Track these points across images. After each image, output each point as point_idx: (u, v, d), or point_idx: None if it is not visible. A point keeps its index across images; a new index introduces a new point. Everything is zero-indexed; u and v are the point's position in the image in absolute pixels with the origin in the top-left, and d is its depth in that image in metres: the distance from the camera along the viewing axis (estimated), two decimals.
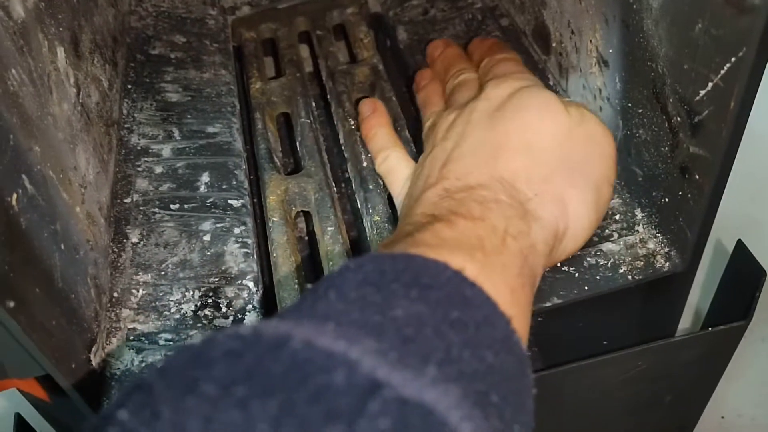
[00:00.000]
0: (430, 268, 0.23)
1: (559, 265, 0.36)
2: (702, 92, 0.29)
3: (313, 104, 0.52)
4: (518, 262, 0.27)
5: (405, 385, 0.18)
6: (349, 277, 0.23)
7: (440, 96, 0.44)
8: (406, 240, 0.27)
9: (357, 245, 0.43)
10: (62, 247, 0.32)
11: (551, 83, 0.47)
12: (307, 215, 0.45)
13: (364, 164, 0.45)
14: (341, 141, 0.49)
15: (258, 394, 0.17)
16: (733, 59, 0.27)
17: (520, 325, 0.24)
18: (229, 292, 0.38)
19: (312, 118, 0.50)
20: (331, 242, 0.41)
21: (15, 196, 0.28)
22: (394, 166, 0.41)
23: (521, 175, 0.31)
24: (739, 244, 0.37)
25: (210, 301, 0.37)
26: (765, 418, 0.49)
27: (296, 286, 0.39)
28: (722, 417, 0.49)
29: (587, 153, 0.33)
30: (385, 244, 0.29)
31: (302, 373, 0.18)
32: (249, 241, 0.41)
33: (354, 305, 0.21)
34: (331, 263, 0.40)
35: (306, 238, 0.48)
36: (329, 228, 0.42)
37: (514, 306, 0.24)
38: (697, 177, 0.31)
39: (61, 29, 0.39)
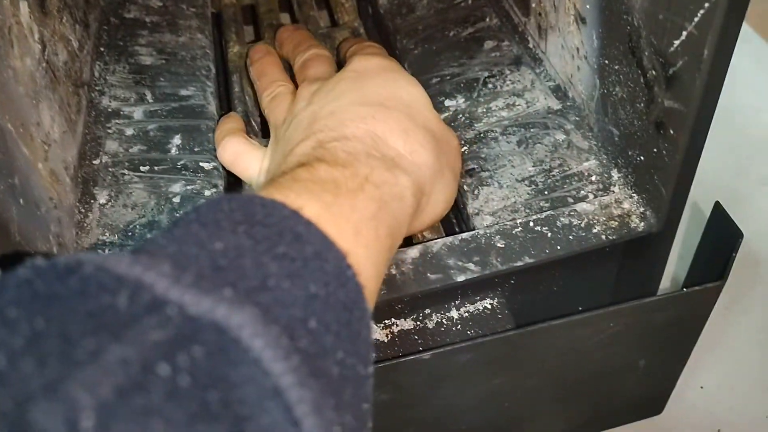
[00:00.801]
0: (266, 207, 0.23)
1: (531, 224, 0.35)
2: (676, 42, 0.28)
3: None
4: (373, 207, 0.27)
5: (194, 304, 0.17)
6: (183, 218, 0.23)
7: (278, 67, 0.44)
8: (264, 185, 0.28)
9: None
10: (21, 201, 0.31)
11: (531, 45, 0.46)
12: None
13: None
14: None
15: (29, 314, 0.17)
16: (706, 5, 0.26)
17: (365, 263, 0.25)
18: None
19: None
20: None
21: None
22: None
23: (397, 133, 0.32)
24: (717, 206, 0.37)
25: None
26: (743, 388, 0.49)
27: None
28: (701, 387, 0.49)
29: (447, 138, 0.35)
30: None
31: (85, 295, 0.17)
32: None
33: (174, 241, 0.21)
34: None
35: None
36: None
37: (359, 246, 0.25)
38: (671, 132, 0.31)
39: None
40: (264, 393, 0.17)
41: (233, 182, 0.43)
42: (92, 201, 0.39)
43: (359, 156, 0.29)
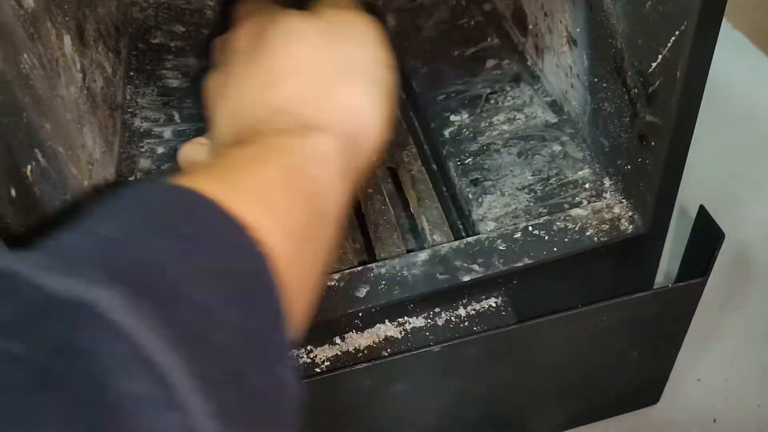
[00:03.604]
0: (165, 190, 0.24)
1: (530, 229, 0.39)
2: (653, 64, 0.32)
3: None
4: (281, 174, 0.27)
5: (56, 285, 0.18)
6: (91, 210, 0.23)
7: None
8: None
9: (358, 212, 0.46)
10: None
11: (529, 63, 0.49)
12: None
13: None
14: None
15: None
16: (677, 32, 0.29)
17: (275, 232, 0.24)
18: None
19: None
20: None
21: (29, 167, 0.31)
22: None
23: (295, 101, 0.31)
24: (701, 209, 0.40)
25: None
26: (738, 379, 0.52)
27: None
28: (698, 379, 0.52)
29: (353, 50, 0.33)
30: None
31: None
32: None
33: (70, 230, 0.21)
34: None
35: None
36: None
37: (266, 216, 0.24)
38: (653, 143, 0.34)
39: (67, 18, 0.42)
40: (131, 361, 0.17)
41: None
42: None
43: (264, 130, 0.29)
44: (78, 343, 0.17)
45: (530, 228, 0.39)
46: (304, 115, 0.31)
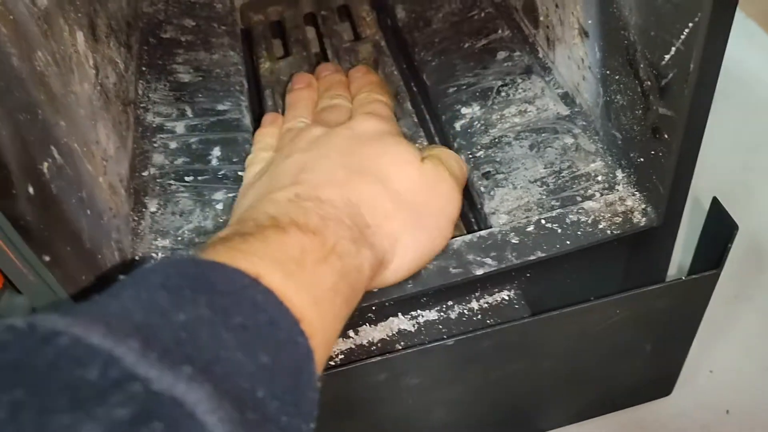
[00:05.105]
0: (227, 275, 0.25)
1: (543, 222, 0.39)
2: (666, 57, 0.32)
3: None
4: (334, 278, 0.29)
5: (157, 380, 0.19)
6: (149, 278, 0.24)
7: (309, 103, 0.46)
8: (231, 241, 0.28)
9: None
10: (88, 212, 0.35)
11: (540, 55, 0.49)
12: None
13: None
14: None
15: (9, 384, 0.18)
16: (690, 24, 0.29)
17: (318, 330, 0.26)
18: None
19: None
20: None
21: (46, 164, 0.31)
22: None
23: (367, 204, 0.34)
24: (714, 201, 0.40)
25: None
26: (750, 371, 0.52)
27: None
28: (711, 371, 0.52)
29: (430, 205, 0.37)
30: (214, 241, 0.30)
31: (60, 367, 0.19)
32: None
33: (141, 307, 0.23)
34: None
35: None
36: None
37: (315, 314, 0.27)
38: (666, 136, 0.34)
39: (79, 14, 0.42)
40: None
41: None
42: (144, 210, 0.43)
43: (330, 222, 0.31)
44: None
45: (543, 221, 0.39)
46: (365, 222, 0.34)
